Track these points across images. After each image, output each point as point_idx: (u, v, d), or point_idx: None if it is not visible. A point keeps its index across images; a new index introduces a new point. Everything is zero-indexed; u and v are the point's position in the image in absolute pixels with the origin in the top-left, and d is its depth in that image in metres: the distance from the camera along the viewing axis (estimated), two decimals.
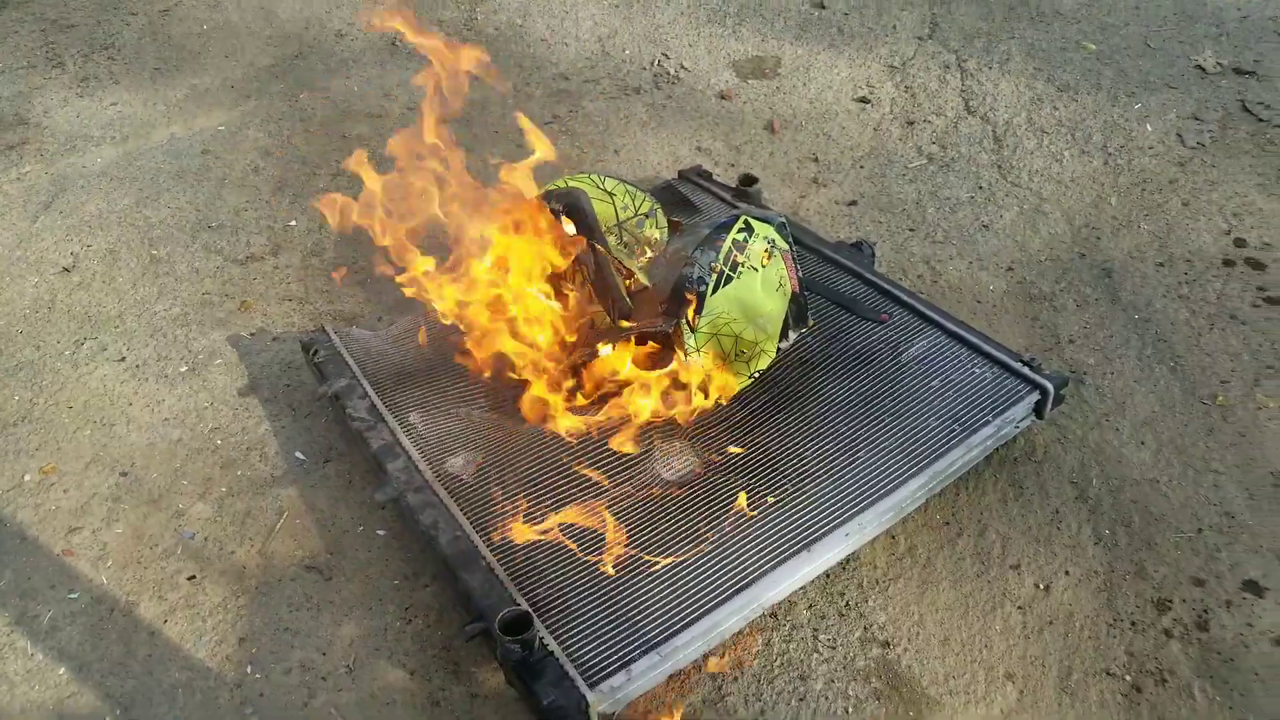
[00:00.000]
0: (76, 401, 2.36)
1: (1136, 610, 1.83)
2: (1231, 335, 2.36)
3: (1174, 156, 2.94)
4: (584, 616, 1.63)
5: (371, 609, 1.88)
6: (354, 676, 1.78)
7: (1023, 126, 3.12)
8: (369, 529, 2.02)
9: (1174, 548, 1.93)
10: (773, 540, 1.75)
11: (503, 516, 1.80)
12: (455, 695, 1.74)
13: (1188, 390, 2.24)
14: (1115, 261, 2.60)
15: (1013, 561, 1.92)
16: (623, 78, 3.51)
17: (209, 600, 1.92)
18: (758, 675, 1.74)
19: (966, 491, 2.04)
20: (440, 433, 1.99)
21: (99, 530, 2.06)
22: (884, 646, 1.79)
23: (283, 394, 2.34)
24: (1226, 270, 2.54)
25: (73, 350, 2.51)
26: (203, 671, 1.80)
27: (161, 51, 3.80)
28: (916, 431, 1.96)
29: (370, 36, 3.83)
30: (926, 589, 1.88)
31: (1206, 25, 3.48)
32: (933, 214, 2.82)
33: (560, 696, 1.49)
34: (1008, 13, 3.67)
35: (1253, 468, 2.06)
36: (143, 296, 2.65)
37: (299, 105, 3.42)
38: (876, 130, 3.17)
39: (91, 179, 3.11)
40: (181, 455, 2.21)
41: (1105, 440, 2.14)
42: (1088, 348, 2.36)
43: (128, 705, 1.75)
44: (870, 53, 3.53)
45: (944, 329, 2.18)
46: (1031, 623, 1.82)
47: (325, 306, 2.58)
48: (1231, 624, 1.80)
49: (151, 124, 3.38)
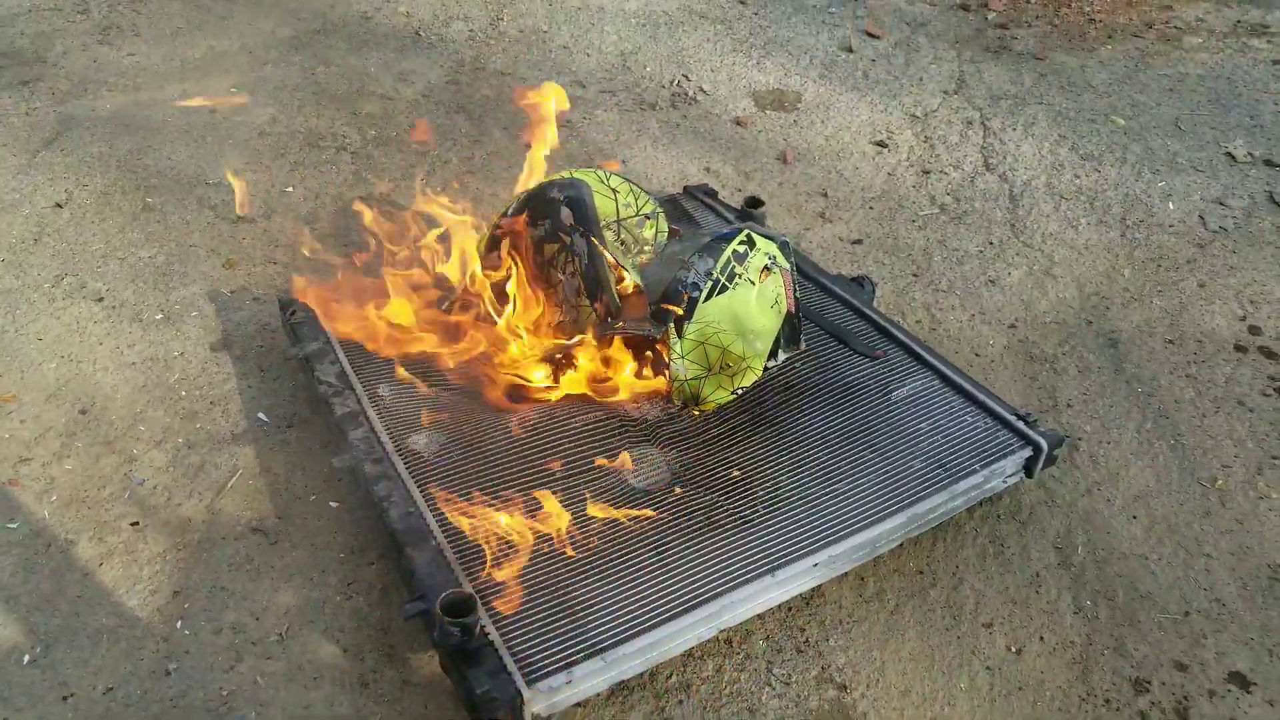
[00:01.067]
0: (47, 334, 2.29)
1: (1112, 688, 1.74)
2: (1237, 421, 2.29)
3: (1194, 237, 2.89)
4: (530, 611, 1.54)
5: (313, 579, 1.79)
6: (284, 646, 1.69)
7: (1041, 189, 3.08)
8: (322, 499, 1.94)
9: (1158, 628, 1.84)
10: (736, 559, 1.67)
11: (460, 498, 1.72)
12: (386, 678, 1.65)
13: (1186, 470, 2.16)
14: (1123, 333, 2.54)
15: (985, 620, 1.83)
16: (640, 93, 3.48)
17: (149, 549, 1.84)
18: (704, 702, 1.65)
19: (944, 542, 1.96)
20: (407, 408, 1.92)
21: (49, 464, 1.99)
22: (840, 689, 1.70)
23: (254, 354, 2.26)
24: (1238, 355, 2.48)
25: (52, 284, 2.44)
26: (131, 620, 1.72)
27: (186, 10, 3.78)
28: (899, 471, 1.89)
29: (395, 21, 3.82)
30: (892, 636, 1.79)
31: (1240, 115, 3.45)
32: (939, 262, 2.76)
33: (495, 688, 1.40)
34: (1038, 79, 3.65)
35: (1248, 557, 1.98)
36: (129, 241, 2.59)
37: (314, 78, 3.39)
38: (891, 175, 3.13)
39: (98, 122, 3.07)
40: (143, 401, 2.14)
41: (1095, 509, 2.06)
42: (1086, 414, 2.29)
43: (50, 643, 1.67)
44: (893, 100, 3.50)
45: (939, 373, 2.12)
46: (999, 685, 1.73)
47: (311, 273, 2.51)
48: (1213, 715, 1.70)
49: (166, 78, 3.34)
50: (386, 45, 3.66)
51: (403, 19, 3.86)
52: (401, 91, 3.37)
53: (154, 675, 1.63)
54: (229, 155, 2.95)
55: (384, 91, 3.36)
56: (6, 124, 3.04)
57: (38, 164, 2.86)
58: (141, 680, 1.62)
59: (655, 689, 1.65)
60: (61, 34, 3.57)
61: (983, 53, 3.85)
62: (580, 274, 2.01)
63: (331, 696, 1.62)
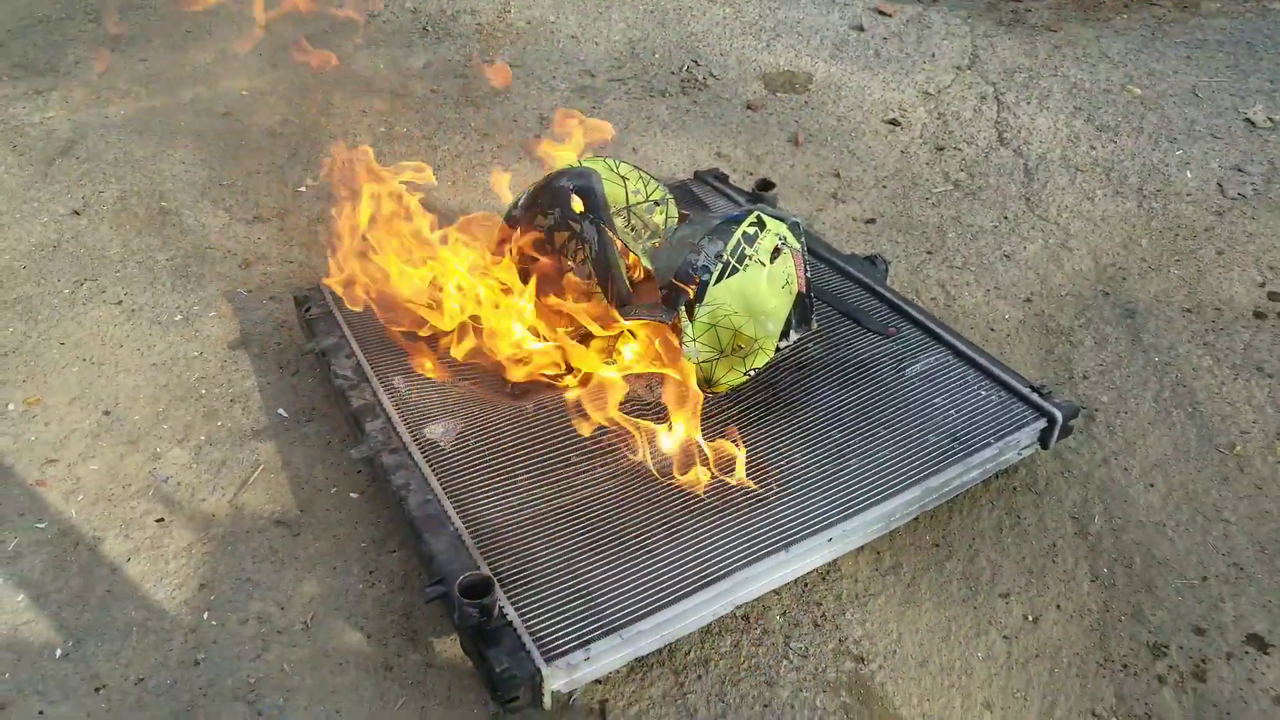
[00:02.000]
0: (69, 339, 2.33)
1: (1130, 653, 1.74)
2: (1256, 387, 2.27)
3: (1212, 205, 2.86)
4: (547, 591, 1.56)
5: (335, 569, 1.82)
6: (310, 634, 1.72)
7: (1056, 162, 3.06)
8: (342, 490, 1.97)
9: (1175, 593, 1.83)
10: (751, 536, 1.68)
11: (476, 485, 1.74)
12: (410, 662, 1.67)
13: (1204, 437, 2.15)
14: (1140, 303, 2.52)
15: (1002, 590, 1.83)
16: (649, 80, 3.48)
17: (174, 544, 1.87)
18: (723, 676, 1.66)
19: (960, 514, 1.96)
20: (423, 399, 1.94)
21: (74, 465, 2.03)
22: (858, 661, 1.71)
23: (273, 351, 2.30)
24: (1257, 322, 2.45)
25: (71, 289, 2.48)
26: (159, 613, 1.75)
27: (197, 15, 3.82)
28: (913, 445, 1.89)
29: (403, 18, 3.84)
30: (908, 608, 1.79)
31: (1260, 80, 3.41)
32: (953, 239, 2.75)
33: (514, 666, 1.42)
34: (1052, 51, 3.62)
35: (1266, 521, 1.97)
36: (147, 245, 2.63)
37: (323, 77, 3.42)
38: (904, 153, 3.12)
39: (111, 129, 3.11)
40: (165, 400, 2.17)
41: (1112, 478, 2.06)
42: (1102, 385, 2.28)
43: (81, 638, 1.70)
44: (906, 78, 3.49)
45: (952, 348, 2.11)
46: (1017, 654, 1.73)
47: (325, 271, 2.54)
48: (1231, 677, 1.70)
49: (178, 83, 3.38)
50: (394, 42, 3.68)
51: (410, 15, 3.88)
52: (411, 87, 3.39)
53: (183, 665, 1.66)
54: (242, 158, 2.98)
55: (393, 88, 3.39)
56: (22, 133, 3.09)
57: (54, 172, 2.91)
58: (171, 670, 1.66)
59: (674, 665, 1.67)
60: (73, 43, 3.62)
61: (996, 26, 3.83)
62: (590, 260, 2.03)
63: (356, 681, 1.65)
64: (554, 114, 2.36)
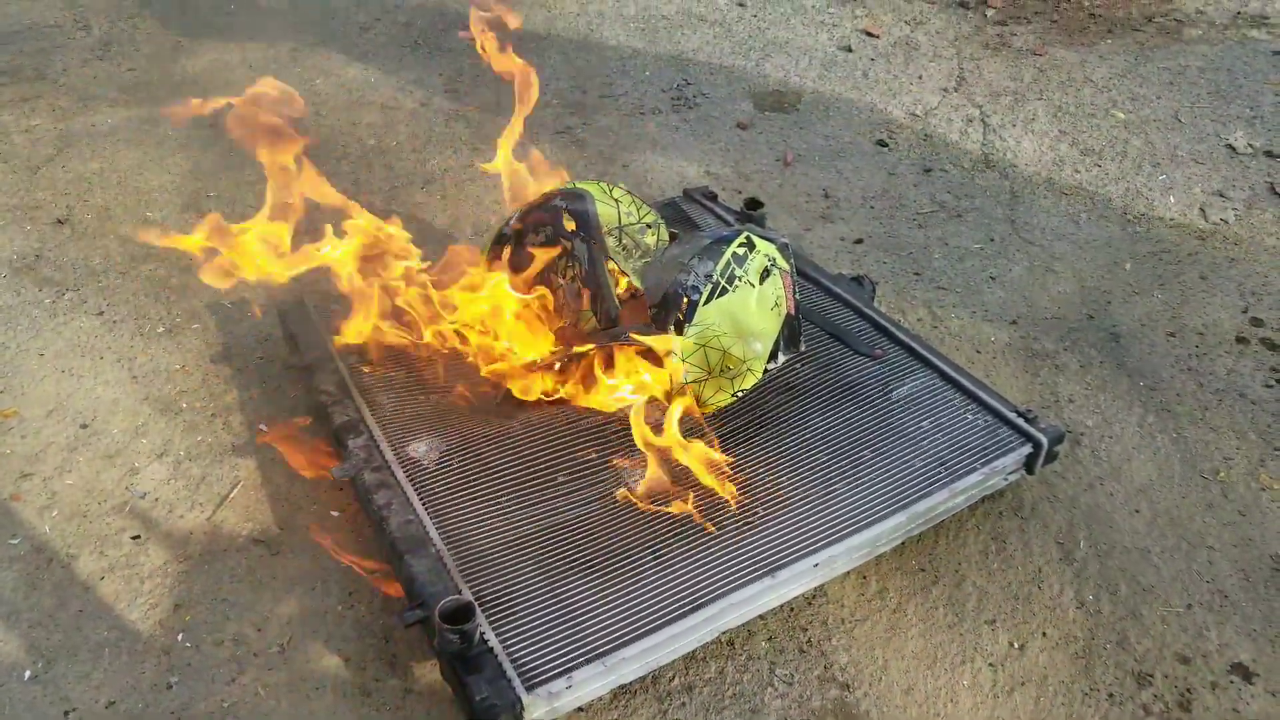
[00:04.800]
0: (48, 350, 2.30)
1: (1115, 682, 1.73)
2: (1239, 413, 2.28)
3: (1195, 230, 2.88)
4: (529, 616, 1.54)
5: (314, 590, 1.80)
6: (286, 657, 1.69)
7: (1042, 185, 3.07)
8: (323, 509, 1.95)
9: (1160, 621, 1.83)
10: (737, 561, 1.66)
11: (459, 506, 1.72)
12: (388, 687, 1.65)
13: (1188, 463, 2.15)
14: (1124, 327, 2.53)
15: (988, 617, 1.82)
16: (639, 98, 3.48)
17: (150, 562, 1.84)
18: (707, 704, 1.65)
19: (946, 539, 1.96)
20: (407, 416, 1.92)
21: (50, 479, 2.00)
22: (843, 689, 1.69)
23: (255, 366, 2.27)
24: (1240, 348, 2.46)
25: (53, 300, 2.45)
26: (132, 633, 1.72)
27: (186, 25, 3.80)
28: (899, 470, 1.88)
29: (393, 32, 3.83)
30: (894, 634, 1.78)
31: (1241, 106, 3.44)
32: (939, 260, 2.76)
33: (494, 695, 1.40)
34: (1038, 75, 3.64)
35: (1251, 548, 1.97)
36: (130, 255, 2.60)
37: (313, 89, 3.40)
38: (891, 174, 3.13)
39: (98, 138, 3.09)
40: (145, 414, 2.15)
41: (1097, 504, 2.05)
42: (1087, 409, 2.28)
43: (51, 659, 1.67)
44: (894, 99, 3.50)
45: (939, 371, 2.11)
46: (1002, 682, 1.72)
47: (311, 285, 2.52)
48: (1216, 707, 1.70)
49: (165, 92, 3.36)
50: (385, 55, 3.67)
51: (401, 29, 3.87)
52: (401, 101, 3.38)
53: (156, 688, 1.63)
54: (229, 169, 2.95)
55: (384, 101, 3.37)
56: (8, 141, 3.06)
57: (38, 181, 2.88)
58: (143, 694, 1.63)
59: (658, 692, 1.65)
60: (61, 50, 3.59)
61: (982, 49, 3.85)
62: (580, 279, 2.01)
63: (333, 706, 1.62)
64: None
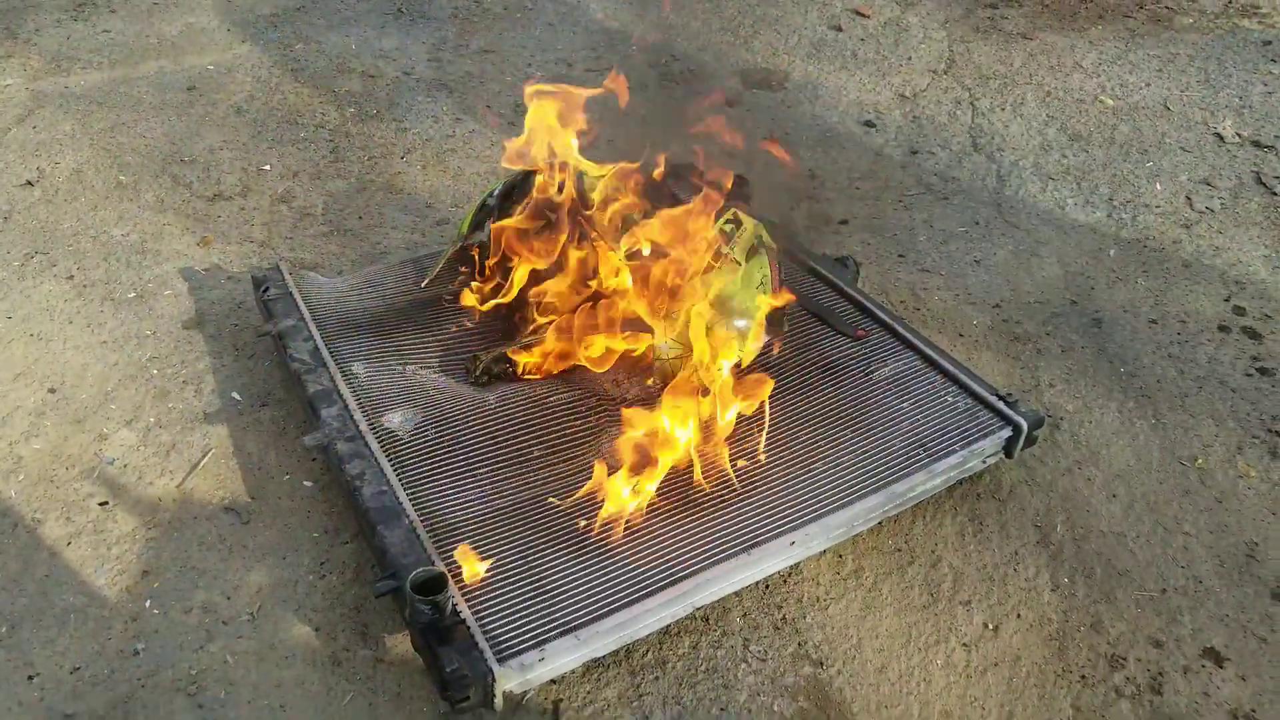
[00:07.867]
0: (16, 313, 2.25)
1: (1088, 664, 1.73)
2: (1219, 400, 2.28)
3: (1180, 218, 2.88)
4: (503, 589, 1.52)
5: (285, 559, 1.77)
6: (256, 625, 1.67)
7: (1028, 169, 3.06)
8: (296, 478, 1.92)
9: (1134, 605, 1.83)
10: (713, 537, 1.65)
11: (433, 477, 1.70)
12: (359, 658, 1.63)
13: (1167, 449, 2.15)
14: (1107, 312, 2.52)
15: (963, 598, 1.82)
16: (626, 72, 3.43)
17: (118, 528, 1.81)
18: (680, 678, 1.63)
19: (923, 520, 1.95)
20: (382, 386, 1.89)
21: (16, 443, 1.96)
22: (817, 666, 1.68)
23: (229, 332, 2.23)
24: (1221, 335, 2.47)
25: (21, 262, 2.40)
26: (99, 599, 1.69)
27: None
28: (878, 450, 1.87)
29: (375, 0, 3.77)
30: (869, 613, 1.77)
31: (1230, 95, 3.43)
32: (924, 242, 2.74)
33: (465, 666, 1.39)
34: (1027, 59, 3.63)
35: (1226, 534, 1.97)
36: (102, 219, 2.55)
37: (292, 55, 3.35)
38: (878, 155, 3.11)
39: (70, 100, 3.02)
40: (114, 380, 2.11)
41: (1075, 488, 2.05)
42: (1068, 394, 2.28)
43: (16, 624, 1.64)
44: (882, 80, 3.48)
45: (921, 353, 2.10)
46: (976, 662, 1.72)
47: (286, 252, 2.49)
48: (1187, 691, 1.70)
49: (141, 54, 3.30)
50: (367, 22, 3.61)
51: None
52: (383, 69, 3.33)
53: (121, 655, 1.61)
54: (205, 134, 2.90)
55: (365, 69, 3.32)
56: None
57: (8, 142, 2.82)
58: (109, 660, 1.60)
59: (630, 665, 1.64)
60: (35, 9, 3.52)
61: (972, 32, 3.83)
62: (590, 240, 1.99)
63: (303, 675, 1.60)
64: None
